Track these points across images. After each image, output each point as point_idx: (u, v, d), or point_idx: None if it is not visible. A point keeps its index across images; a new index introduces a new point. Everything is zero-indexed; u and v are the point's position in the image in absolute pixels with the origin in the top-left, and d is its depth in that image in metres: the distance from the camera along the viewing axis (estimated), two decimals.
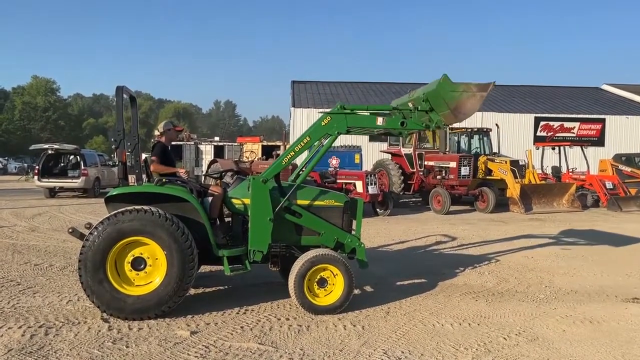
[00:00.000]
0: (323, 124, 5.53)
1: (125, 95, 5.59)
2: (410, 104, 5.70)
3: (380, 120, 5.62)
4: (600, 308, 5.88)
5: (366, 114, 5.74)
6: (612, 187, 17.97)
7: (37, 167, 20.36)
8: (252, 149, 23.67)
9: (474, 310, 5.71)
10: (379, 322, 5.23)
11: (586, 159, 18.87)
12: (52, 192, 20.02)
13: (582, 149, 19.27)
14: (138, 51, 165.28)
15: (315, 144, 5.83)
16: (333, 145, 5.85)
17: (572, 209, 16.41)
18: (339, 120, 5.51)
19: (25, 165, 46.59)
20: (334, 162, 16.94)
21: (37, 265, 7.64)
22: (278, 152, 20.40)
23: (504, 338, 4.84)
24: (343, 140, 24.74)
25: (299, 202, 5.73)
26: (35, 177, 20.00)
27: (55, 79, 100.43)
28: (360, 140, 25.85)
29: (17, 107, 66.49)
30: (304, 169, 6.31)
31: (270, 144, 28.79)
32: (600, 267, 8.10)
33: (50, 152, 20.47)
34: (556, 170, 19.46)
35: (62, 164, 21.60)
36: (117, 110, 5.58)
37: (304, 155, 6.99)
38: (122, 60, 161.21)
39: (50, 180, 19.71)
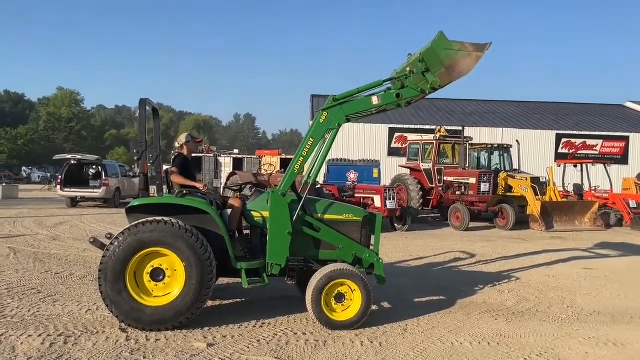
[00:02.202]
0: (321, 120, 5.51)
1: (148, 108, 5.67)
2: (407, 69, 5.54)
3: (375, 100, 5.54)
4: (624, 330, 5.73)
5: (360, 97, 5.61)
6: (635, 206, 17.60)
7: (60, 176, 20.72)
8: (270, 162, 23.78)
9: (494, 329, 5.61)
10: (397, 339, 5.17)
11: (609, 177, 18.55)
12: (74, 202, 20.34)
13: (605, 167, 18.96)
14: (160, 64, 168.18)
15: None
16: (352, 159, 5.82)
17: (594, 228, 16.11)
18: (336, 112, 5.50)
19: (49, 175, 47.54)
20: (352, 176, 16.90)
21: (57, 273, 7.75)
22: None
23: (525, 359, 4.74)
24: (362, 154, 24.82)
25: (318, 215, 5.73)
26: (58, 187, 20.36)
27: (80, 90, 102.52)
28: (379, 154, 25.89)
29: (42, 118, 68.03)
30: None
31: (289, 157, 28.85)
32: (624, 287, 7.91)
33: (73, 162, 20.82)
34: (578, 188, 19.15)
35: (84, 174, 21.95)
36: (139, 122, 5.64)
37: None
38: (144, 73, 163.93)
39: (72, 190, 20.03)
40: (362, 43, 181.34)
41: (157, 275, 5.17)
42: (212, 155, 28.60)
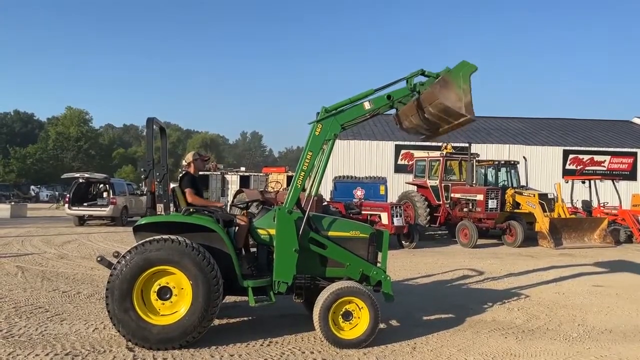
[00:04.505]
0: (317, 133, 5.53)
1: (155, 127, 5.72)
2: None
3: (367, 105, 5.59)
4: (636, 348, 5.65)
5: (352, 105, 5.63)
6: None
7: (67, 195, 20.83)
8: (277, 179, 23.76)
9: (504, 347, 5.54)
10: (405, 357, 5.12)
11: (618, 193, 18.44)
12: (82, 220, 20.42)
13: (613, 183, 18.85)
14: (167, 84, 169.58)
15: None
16: (358, 176, 5.82)
17: (604, 245, 15.96)
18: (330, 123, 5.53)
19: (57, 193, 47.79)
20: (359, 193, 16.86)
21: (65, 292, 7.75)
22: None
23: None
24: (368, 171, 24.82)
25: (324, 233, 5.71)
26: (66, 205, 20.46)
27: (88, 109, 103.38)
28: (386, 171, 25.87)
29: (51, 137, 68.56)
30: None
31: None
32: (635, 305, 7.81)
33: (81, 180, 20.95)
34: (587, 205, 19.04)
35: (92, 193, 22.06)
36: (147, 141, 5.69)
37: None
38: (152, 92, 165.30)
39: (80, 208, 20.12)
40: (370, 58, 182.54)
41: (164, 293, 5.16)
42: (219, 173, 28.73)
